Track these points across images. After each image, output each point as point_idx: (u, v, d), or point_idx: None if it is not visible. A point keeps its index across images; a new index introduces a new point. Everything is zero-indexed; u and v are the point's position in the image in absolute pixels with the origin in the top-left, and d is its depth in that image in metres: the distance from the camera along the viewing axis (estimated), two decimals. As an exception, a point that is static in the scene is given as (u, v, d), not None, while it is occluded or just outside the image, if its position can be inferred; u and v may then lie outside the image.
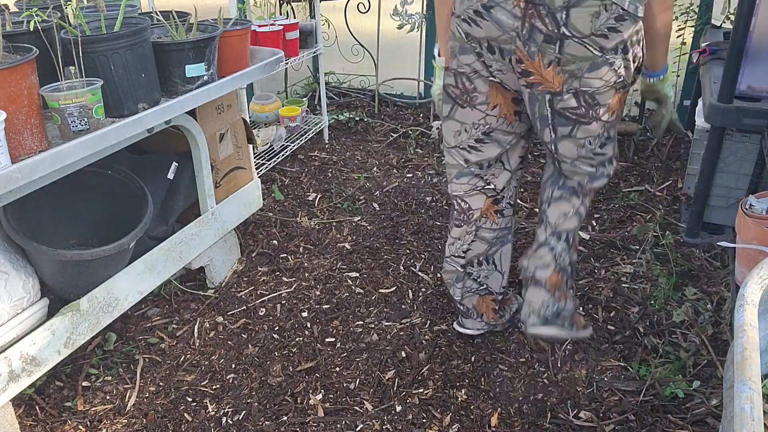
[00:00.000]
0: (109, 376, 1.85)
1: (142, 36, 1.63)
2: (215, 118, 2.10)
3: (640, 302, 2.06)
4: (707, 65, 2.44)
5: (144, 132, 1.68)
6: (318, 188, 2.94)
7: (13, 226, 1.54)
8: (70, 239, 1.88)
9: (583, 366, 1.83)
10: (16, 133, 1.39)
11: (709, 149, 2.17)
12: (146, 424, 1.69)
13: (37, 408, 1.74)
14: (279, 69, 2.27)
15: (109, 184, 1.85)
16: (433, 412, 1.69)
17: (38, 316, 1.60)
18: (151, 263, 1.86)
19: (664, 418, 1.63)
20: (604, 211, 2.63)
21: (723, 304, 2.00)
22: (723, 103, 2.05)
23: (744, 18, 1.95)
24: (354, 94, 3.95)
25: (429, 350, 1.90)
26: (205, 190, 2.05)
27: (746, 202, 1.73)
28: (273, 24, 2.84)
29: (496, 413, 1.68)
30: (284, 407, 1.73)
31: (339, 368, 1.86)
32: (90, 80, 1.53)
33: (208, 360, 1.91)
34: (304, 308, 2.13)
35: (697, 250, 2.30)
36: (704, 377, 1.73)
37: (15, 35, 1.55)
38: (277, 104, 3.30)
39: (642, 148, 3.14)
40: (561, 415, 1.67)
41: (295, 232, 2.56)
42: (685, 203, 2.57)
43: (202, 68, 1.82)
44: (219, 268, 2.25)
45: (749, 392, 0.89)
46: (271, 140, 3.11)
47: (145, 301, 2.12)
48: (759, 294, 1.10)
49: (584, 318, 1.90)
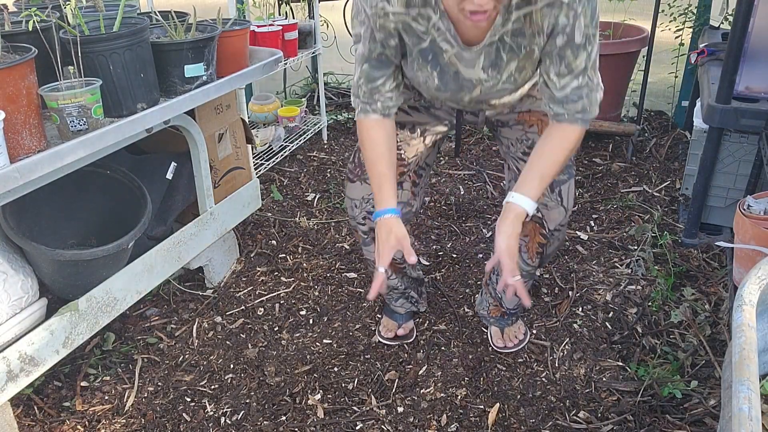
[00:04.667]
0: (107, 376, 1.85)
1: (141, 36, 1.63)
2: (214, 118, 2.10)
3: (639, 302, 2.06)
4: (705, 66, 2.44)
5: (143, 132, 1.68)
6: (317, 188, 2.94)
7: (12, 226, 1.54)
8: (69, 239, 1.88)
9: (581, 366, 1.83)
10: (15, 133, 1.38)
11: (707, 150, 2.18)
12: (145, 424, 1.69)
13: (35, 408, 1.73)
14: (278, 69, 2.27)
15: (108, 184, 1.85)
16: (432, 411, 1.69)
17: (37, 316, 1.59)
18: (149, 263, 1.86)
19: (662, 418, 1.64)
20: (603, 212, 2.63)
21: (721, 304, 2.00)
22: (721, 103, 2.05)
23: (742, 19, 1.95)
24: (353, 95, 3.95)
25: (427, 350, 1.91)
26: (204, 190, 2.05)
27: (744, 202, 1.74)
28: (272, 24, 2.84)
29: (495, 413, 1.68)
30: (283, 407, 1.73)
31: (338, 368, 1.86)
32: (89, 80, 1.53)
33: (206, 360, 1.91)
34: (302, 308, 2.13)
35: (695, 250, 2.30)
36: (702, 377, 1.73)
37: (14, 35, 1.55)
38: (276, 104, 3.30)
39: (640, 148, 3.14)
40: (559, 414, 1.67)
41: (293, 232, 2.56)
42: (683, 204, 2.57)
43: (201, 68, 1.82)
44: (218, 268, 2.25)
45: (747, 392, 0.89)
46: (269, 140, 3.11)
47: (143, 301, 2.12)
48: (757, 294, 1.10)
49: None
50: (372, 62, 1.43)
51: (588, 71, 1.34)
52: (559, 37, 1.29)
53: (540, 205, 1.56)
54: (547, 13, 1.27)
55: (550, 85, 1.37)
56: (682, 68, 3.27)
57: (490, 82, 1.43)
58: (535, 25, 1.30)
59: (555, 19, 1.27)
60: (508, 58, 1.38)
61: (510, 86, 1.45)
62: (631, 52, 2.97)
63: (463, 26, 1.34)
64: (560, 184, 1.60)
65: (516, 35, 1.33)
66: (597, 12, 1.29)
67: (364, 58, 1.44)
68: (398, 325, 1.93)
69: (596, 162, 3.06)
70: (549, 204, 1.61)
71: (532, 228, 1.65)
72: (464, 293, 2.16)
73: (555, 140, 1.42)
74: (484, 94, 1.48)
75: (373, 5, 1.33)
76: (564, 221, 1.66)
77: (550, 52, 1.33)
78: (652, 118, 3.47)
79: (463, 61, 1.40)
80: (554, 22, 1.28)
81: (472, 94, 1.48)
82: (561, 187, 1.60)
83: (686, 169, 2.57)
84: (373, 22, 1.35)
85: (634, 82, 3.13)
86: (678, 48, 3.16)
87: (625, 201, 2.68)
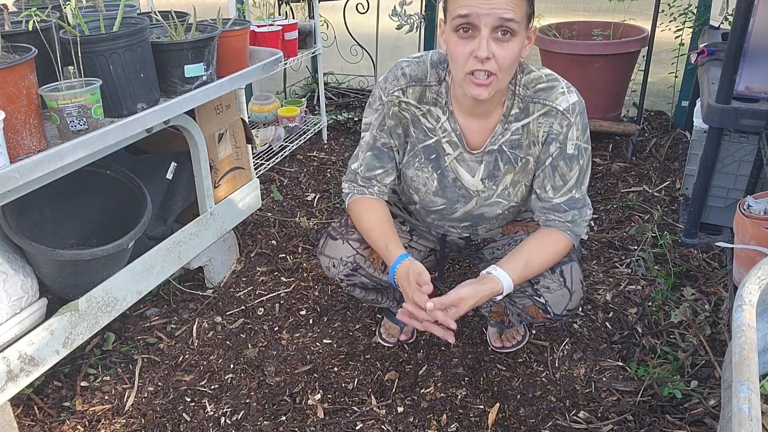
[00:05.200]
0: (107, 376, 1.85)
1: (141, 36, 1.63)
2: (214, 118, 2.10)
3: (639, 303, 2.06)
4: (705, 66, 2.44)
5: (143, 132, 1.68)
6: (317, 188, 2.94)
7: (12, 226, 1.54)
8: (69, 239, 1.88)
9: (581, 366, 1.83)
10: (15, 133, 1.38)
11: (707, 150, 2.18)
12: (145, 424, 1.69)
13: (35, 408, 1.73)
14: (278, 69, 2.27)
15: (108, 184, 1.85)
16: (432, 411, 1.69)
17: (37, 316, 1.59)
18: (149, 263, 1.86)
19: (662, 418, 1.64)
20: (603, 212, 2.63)
21: (721, 304, 2.00)
22: (721, 103, 2.05)
23: (742, 18, 1.95)
24: (353, 95, 3.95)
25: (427, 350, 1.91)
26: (204, 190, 2.05)
27: (744, 202, 1.74)
28: (272, 24, 2.84)
29: (495, 413, 1.68)
30: (283, 407, 1.73)
31: (338, 368, 1.86)
32: (89, 80, 1.53)
33: (206, 360, 1.91)
34: (302, 308, 2.13)
35: (695, 250, 2.30)
36: (702, 377, 1.73)
37: (14, 35, 1.55)
38: (276, 104, 3.30)
39: (640, 148, 3.14)
40: (559, 414, 1.67)
41: (293, 232, 2.56)
42: (683, 204, 2.57)
43: (201, 68, 1.82)
44: (218, 268, 2.25)
45: (747, 392, 0.89)
46: (269, 140, 3.11)
47: (143, 301, 2.12)
48: (757, 294, 1.10)
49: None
50: (375, 151, 1.52)
51: (581, 187, 1.47)
52: (553, 144, 1.42)
53: (542, 288, 1.51)
54: (543, 122, 1.41)
55: (544, 197, 1.48)
56: (682, 68, 3.27)
57: (485, 193, 1.52)
58: (531, 135, 1.43)
59: (549, 127, 1.40)
60: (505, 170, 1.49)
61: (503, 201, 1.54)
62: (631, 52, 2.97)
63: (468, 130, 1.46)
64: (561, 265, 1.51)
65: (514, 147, 1.45)
66: (588, 128, 1.43)
67: (369, 146, 1.53)
68: (401, 330, 1.93)
69: (596, 162, 3.06)
70: (551, 286, 1.51)
71: (534, 312, 1.59)
72: (464, 293, 2.16)
73: (544, 238, 1.49)
74: (478, 206, 1.55)
75: (390, 92, 1.46)
76: (572, 306, 1.54)
77: (544, 161, 1.45)
78: (652, 118, 3.47)
79: (463, 164, 1.49)
80: (548, 130, 1.41)
81: (467, 206, 1.55)
82: (562, 268, 1.51)
83: (686, 169, 2.57)
84: (387, 108, 1.47)
85: (634, 82, 3.12)
86: (678, 48, 3.16)
87: (625, 201, 2.68)
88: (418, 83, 1.45)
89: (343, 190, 1.61)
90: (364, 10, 3.58)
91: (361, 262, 1.60)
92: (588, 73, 2.96)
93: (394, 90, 1.45)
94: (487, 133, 1.45)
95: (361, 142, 1.55)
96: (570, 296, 1.53)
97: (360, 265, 1.61)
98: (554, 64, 3.04)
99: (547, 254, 1.46)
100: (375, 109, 1.50)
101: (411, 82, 1.45)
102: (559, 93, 1.39)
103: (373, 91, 1.51)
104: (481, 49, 1.23)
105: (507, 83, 1.35)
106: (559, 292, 1.51)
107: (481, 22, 1.22)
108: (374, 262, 1.61)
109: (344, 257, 1.61)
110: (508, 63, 1.27)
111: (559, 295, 1.52)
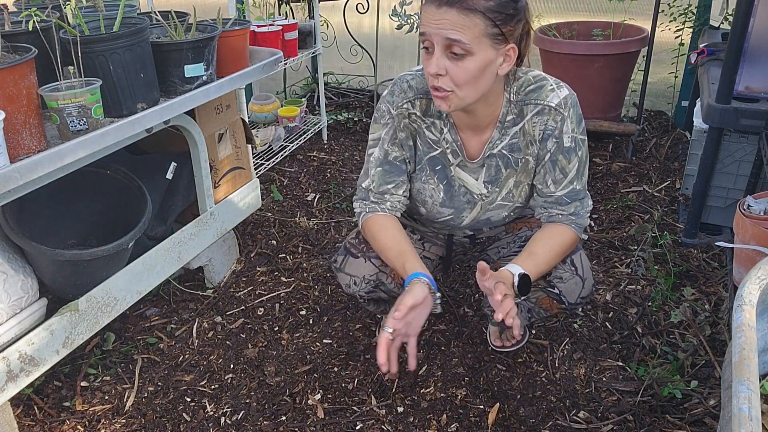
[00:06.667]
0: (107, 376, 1.85)
1: (141, 36, 1.63)
2: (214, 118, 2.10)
3: (639, 303, 2.06)
4: (705, 66, 2.44)
5: (143, 132, 1.68)
6: (317, 188, 2.94)
7: (12, 226, 1.54)
8: (69, 239, 1.88)
9: (581, 366, 1.83)
10: (15, 133, 1.38)
11: (707, 150, 2.18)
12: (145, 424, 1.69)
13: (35, 408, 1.73)
14: (278, 69, 2.27)
15: (108, 184, 1.85)
16: (432, 411, 1.69)
17: (37, 316, 1.59)
18: (149, 263, 1.86)
19: (662, 418, 1.64)
20: (603, 212, 2.63)
21: (721, 304, 2.00)
22: (721, 103, 2.05)
23: (742, 19, 1.95)
24: (353, 95, 3.95)
25: (427, 350, 1.91)
26: (204, 190, 2.05)
27: (744, 202, 1.74)
28: (272, 24, 2.84)
29: (495, 413, 1.68)
30: (283, 407, 1.73)
31: (338, 368, 1.86)
32: (89, 80, 1.53)
33: (206, 360, 1.91)
34: (302, 308, 2.13)
35: (695, 250, 2.30)
36: (702, 377, 1.73)
37: (14, 35, 1.55)
38: (276, 104, 3.30)
39: (640, 148, 3.14)
40: (559, 414, 1.67)
41: (293, 232, 2.56)
42: (683, 204, 2.57)
43: (201, 68, 1.82)
44: (218, 268, 2.25)
45: (747, 392, 0.89)
46: (269, 140, 3.11)
47: (143, 301, 2.12)
48: (757, 294, 1.10)
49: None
50: (386, 166, 1.52)
51: (581, 178, 1.49)
52: (550, 140, 1.44)
53: (555, 279, 1.54)
54: (537, 121, 1.43)
55: (546, 192, 1.50)
56: (682, 68, 3.27)
57: (489, 197, 1.55)
58: (528, 135, 1.46)
59: (544, 125, 1.43)
60: (507, 173, 1.51)
61: (507, 203, 1.56)
62: (631, 52, 2.97)
63: (467, 141, 1.49)
64: (570, 255, 1.54)
65: (513, 150, 1.48)
66: (582, 119, 1.45)
67: (379, 161, 1.52)
68: None
69: (596, 162, 3.06)
70: (564, 276, 1.54)
71: (548, 304, 1.62)
72: (464, 293, 2.16)
73: (550, 233, 1.50)
74: (483, 211, 1.57)
75: (399, 105, 1.47)
76: (585, 293, 1.56)
77: (544, 157, 1.47)
78: (652, 118, 3.47)
79: (466, 169, 1.52)
80: (543, 128, 1.43)
81: (473, 212, 1.57)
82: (572, 257, 1.54)
83: (686, 169, 2.57)
84: (397, 122, 1.48)
85: (634, 82, 3.13)
86: (678, 48, 3.16)
87: (625, 201, 2.68)
88: (424, 96, 1.46)
89: (354, 210, 1.60)
90: (364, 10, 3.58)
91: (383, 278, 1.61)
92: (588, 73, 2.96)
93: (402, 102, 1.47)
94: (484, 142, 1.49)
95: (370, 159, 1.54)
96: (582, 284, 1.55)
97: (382, 282, 1.62)
98: (554, 64, 3.04)
99: (555, 248, 1.47)
100: (384, 123, 1.49)
101: (418, 95, 1.46)
102: (548, 90, 1.42)
103: (379, 106, 1.51)
104: (431, 66, 1.27)
105: (474, 99, 1.33)
106: (572, 281, 1.54)
107: (434, 40, 1.26)
108: (396, 278, 1.62)
109: (367, 275, 1.61)
110: (463, 80, 1.27)
111: (572, 284, 1.54)
